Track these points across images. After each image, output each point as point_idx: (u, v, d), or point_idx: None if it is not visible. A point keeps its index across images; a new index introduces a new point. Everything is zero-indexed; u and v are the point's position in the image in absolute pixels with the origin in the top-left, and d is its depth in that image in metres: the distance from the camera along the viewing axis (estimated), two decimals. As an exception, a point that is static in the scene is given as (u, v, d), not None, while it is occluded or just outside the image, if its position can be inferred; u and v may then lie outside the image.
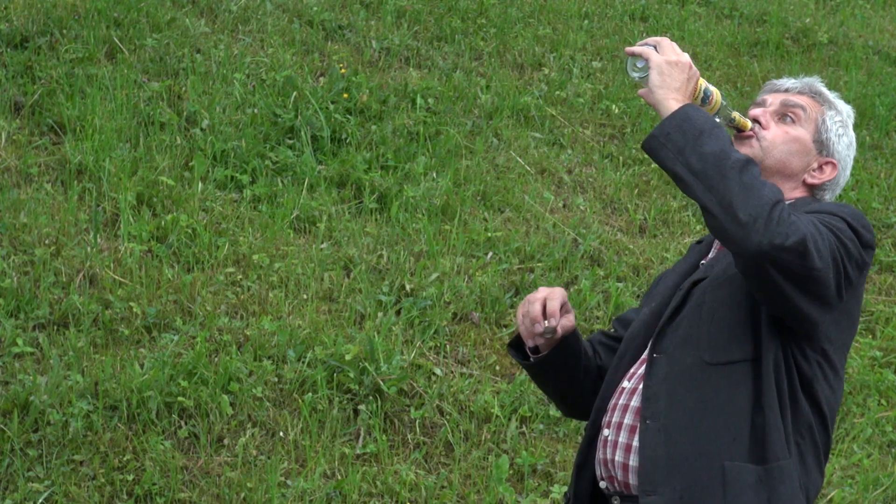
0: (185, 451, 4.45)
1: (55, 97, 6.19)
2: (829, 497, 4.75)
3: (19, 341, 4.68)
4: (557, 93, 7.63)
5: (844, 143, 2.77)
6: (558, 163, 6.86)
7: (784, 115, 2.76)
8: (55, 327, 4.83)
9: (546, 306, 2.76)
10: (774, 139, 2.73)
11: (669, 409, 2.51)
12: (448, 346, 5.22)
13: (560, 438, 4.89)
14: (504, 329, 5.40)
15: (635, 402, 2.59)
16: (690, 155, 2.45)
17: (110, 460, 4.30)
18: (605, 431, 2.63)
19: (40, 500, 4.13)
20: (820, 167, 2.75)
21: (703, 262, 2.74)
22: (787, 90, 2.81)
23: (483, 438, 4.78)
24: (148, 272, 5.15)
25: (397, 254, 5.65)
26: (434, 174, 6.37)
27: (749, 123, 2.76)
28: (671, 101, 2.52)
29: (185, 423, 4.51)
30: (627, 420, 2.59)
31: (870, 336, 5.86)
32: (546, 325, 2.73)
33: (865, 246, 2.58)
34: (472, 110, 7.17)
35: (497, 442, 4.78)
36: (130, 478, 4.26)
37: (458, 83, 7.35)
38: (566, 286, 5.77)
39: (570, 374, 2.83)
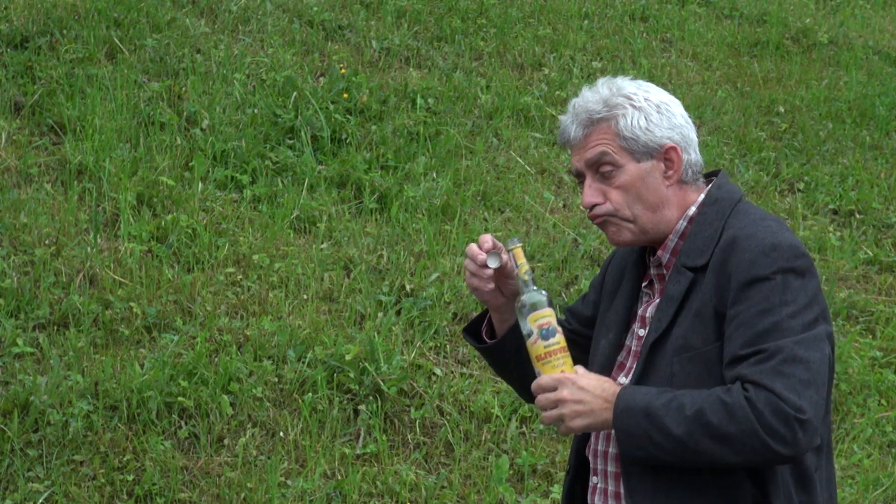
0: (185, 451, 4.45)
1: (55, 97, 6.19)
2: (829, 497, 4.75)
3: (19, 341, 4.68)
4: (557, 93, 7.63)
5: (660, 122, 2.54)
6: (558, 163, 6.86)
7: (601, 174, 2.55)
8: (55, 327, 4.83)
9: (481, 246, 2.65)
10: (620, 202, 2.54)
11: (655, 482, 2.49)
12: (448, 346, 5.22)
13: (560, 439, 4.89)
14: (504, 329, 5.40)
15: (613, 448, 2.55)
16: (664, 456, 2.37)
17: (110, 460, 4.30)
18: (594, 479, 2.61)
19: (40, 500, 4.13)
20: (665, 163, 2.54)
21: (643, 288, 2.62)
22: (575, 145, 2.58)
23: (483, 438, 4.77)
24: (148, 272, 5.15)
25: (397, 254, 5.65)
26: (434, 174, 6.37)
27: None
28: (609, 418, 2.42)
29: (186, 424, 4.51)
30: (611, 468, 2.56)
31: (870, 336, 5.86)
32: (488, 255, 2.61)
33: (806, 273, 2.41)
34: (472, 110, 7.17)
35: (497, 442, 4.78)
36: (130, 478, 4.26)
37: (458, 83, 7.36)
38: (566, 286, 5.77)
39: (527, 358, 2.73)
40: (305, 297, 5.29)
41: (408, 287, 5.43)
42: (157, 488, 4.25)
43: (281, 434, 4.58)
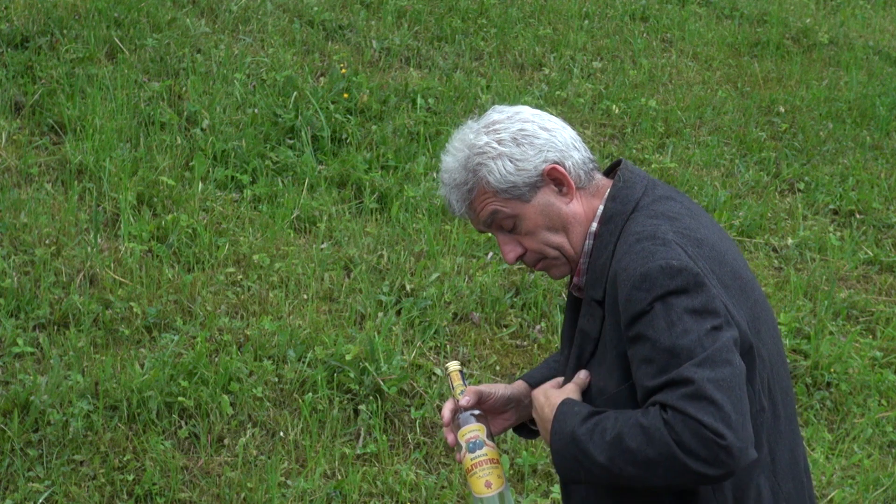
0: (185, 451, 4.45)
1: (55, 97, 6.20)
2: (829, 497, 4.75)
3: (19, 341, 4.68)
4: (558, 93, 7.63)
5: (525, 154, 2.47)
6: (559, 163, 6.85)
7: (505, 229, 2.51)
8: (55, 327, 4.83)
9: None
10: (537, 244, 2.51)
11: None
12: (448, 346, 5.22)
13: (560, 438, 4.88)
14: (504, 329, 5.40)
15: None
16: (593, 479, 2.37)
17: (110, 460, 4.30)
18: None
19: (40, 500, 4.13)
20: (556, 185, 2.49)
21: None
22: (466, 217, 2.54)
23: (483, 438, 4.77)
24: (148, 272, 5.15)
25: (398, 254, 5.65)
26: (434, 174, 6.37)
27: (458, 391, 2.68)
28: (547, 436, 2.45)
29: (186, 423, 4.51)
30: None
31: (870, 336, 5.86)
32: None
33: (687, 289, 2.30)
34: (472, 110, 7.17)
35: (497, 442, 4.78)
36: (131, 478, 4.26)
37: (458, 83, 7.36)
38: (566, 286, 5.76)
39: None
40: (305, 296, 5.29)
41: (408, 287, 5.43)
42: (157, 488, 4.25)
43: (281, 434, 4.58)
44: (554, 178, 2.48)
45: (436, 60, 7.70)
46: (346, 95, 6.79)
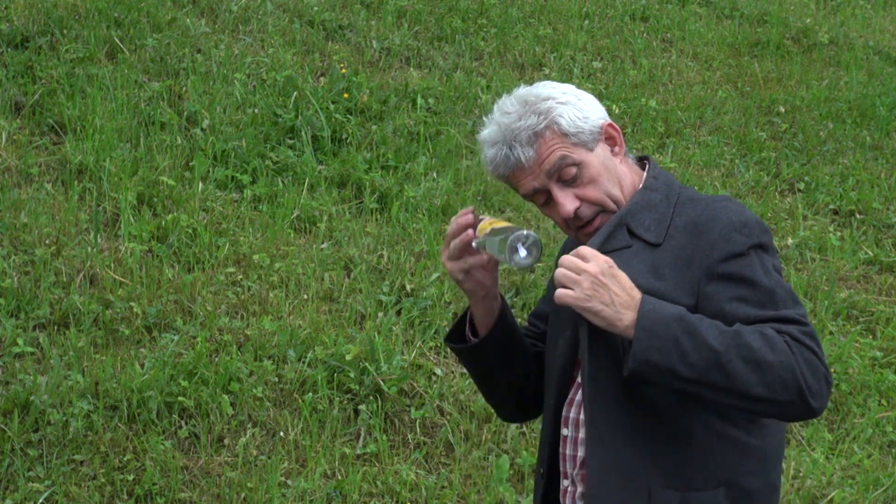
0: (185, 451, 4.45)
1: (56, 97, 6.20)
2: (829, 497, 4.75)
3: (20, 341, 4.68)
4: (558, 93, 7.62)
5: (587, 107, 2.51)
6: (559, 163, 6.85)
7: (564, 181, 2.48)
8: (55, 327, 4.83)
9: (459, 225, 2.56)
10: (599, 195, 2.49)
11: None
12: (448, 346, 5.21)
13: (560, 438, 4.89)
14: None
15: (581, 451, 2.51)
16: (682, 370, 2.25)
17: (111, 460, 4.30)
18: (565, 482, 2.58)
19: (40, 500, 4.13)
20: (609, 143, 2.52)
21: None
22: (528, 166, 2.48)
23: (483, 438, 4.77)
24: (148, 272, 5.15)
25: (398, 254, 5.65)
26: (434, 174, 6.37)
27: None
28: (626, 319, 2.29)
29: (186, 423, 4.51)
30: (579, 471, 2.52)
31: (870, 336, 5.86)
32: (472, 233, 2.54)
33: (772, 248, 2.41)
34: (472, 110, 7.17)
35: (497, 442, 4.78)
36: (131, 478, 4.26)
37: (458, 83, 7.36)
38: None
39: (514, 354, 2.69)
40: (306, 296, 5.29)
41: (408, 287, 5.43)
42: (157, 488, 4.25)
43: (281, 434, 4.58)
44: (609, 135, 2.52)
45: (436, 60, 7.70)
46: (346, 95, 6.79)
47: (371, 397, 4.77)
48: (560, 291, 2.33)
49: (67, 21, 6.84)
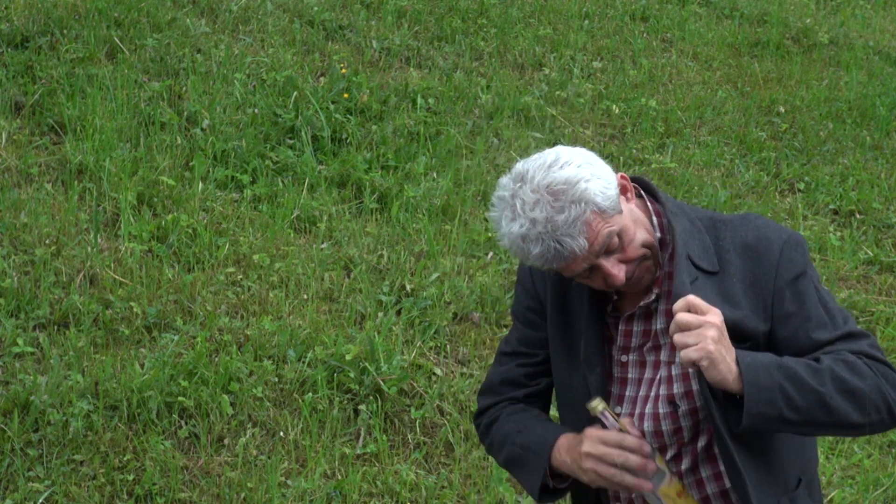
0: (185, 451, 4.45)
1: (56, 97, 6.20)
2: (829, 497, 4.75)
3: (20, 341, 4.68)
4: (558, 93, 7.63)
5: (603, 172, 2.47)
6: (559, 163, 6.85)
7: (610, 249, 2.46)
8: (55, 327, 4.83)
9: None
10: (637, 250, 2.48)
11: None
12: (448, 346, 5.22)
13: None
14: (504, 329, 5.40)
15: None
16: (790, 415, 2.33)
17: (110, 460, 4.30)
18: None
19: (40, 500, 4.13)
20: (623, 191, 2.51)
21: (610, 311, 2.56)
22: (584, 251, 2.42)
23: (483, 438, 4.77)
24: (148, 272, 5.15)
25: (398, 254, 5.65)
26: (434, 174, 6.37)
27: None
28: (732, 374, 2.32)
29: (186, 423, 4.51)
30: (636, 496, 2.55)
31: (870, 336, 5.85)
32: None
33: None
34: (472, 110, 7.17)
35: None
36: (131, 478, 4.26)
37: (458, 83, 7.35)
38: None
39: None
40: (305, 296, 5.29)
41: (408, 287, 5.43)
42: (157, 488, 4.25)
43: (281, 434, 4.58)
44: (622, 187, 2.51)
45: (436, 60, 7.70)
46: (346, 95, 6.79)
47: (371, 397, 4.77)
48: (686, 351, 2.30)
49: (67, 21, 6.84)
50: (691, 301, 2.33)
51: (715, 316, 2.32)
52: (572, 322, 2.59)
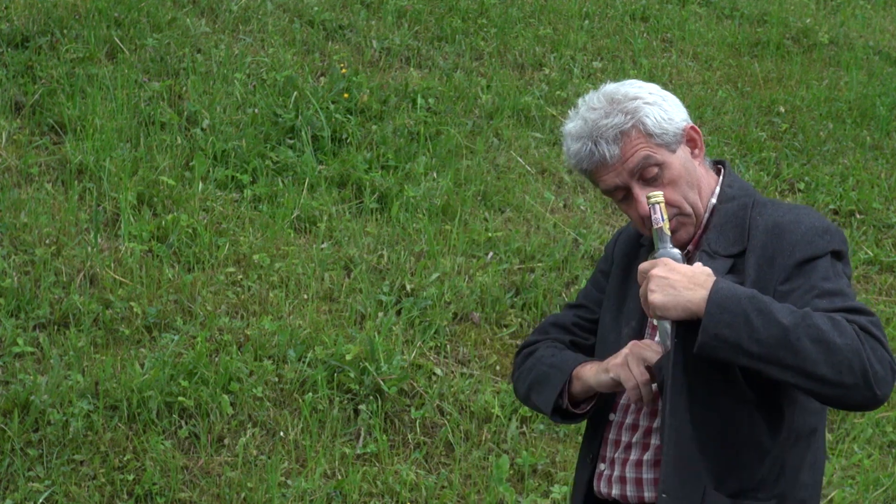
0: (185, 451, 4.45)
1: (56, 97, 6.20)
2: (829, 497, 4.75)
3: (20, 341, 4.68)
4: (558, 93, 7.63)
5: (672, 108, 2.58)
6: (559, 163, 6.86)
7: (646, 180, 2.53)
8: (55, 327, 4.83)
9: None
10: (678, 197, 2.55)
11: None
12: (448, 346, 5.22)
13: (560, 438, 4.89)
14: (504, 329, 5.40)
15: (625, 437, 2.57)
16: (750, 345, 2.29)
17: (111, 460, 4.30)
18: (602, 466, 2.61)
19: (41, 500, 4.13)
20: (690, 145, 2.61)
21: None
22: (612, 163, 2.52)
23: (483, 438, 4.77)
24: (148, 272, 5.15)
25: (398, 254, 5.65)
26: (434, 174, 6.37)
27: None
28: (696, 297, 2.34)
29: (186, 423, 4.51)
30: (620, 454, 2.57)
31: (870, 336, 5.85)
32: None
33: (846, 257, 2.50)
34: (472, 110, 7.17)
35: (497, 442, 4.78)
36: (131, 478, 4.26)
37: (458, 83, 7.35)
38: (566, 286, 5.77)
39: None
40: (306, 296, 5.29)
41: (408, 287, 5.43)
42: (157, 488, 4.25)
43: (281, 434, 4.58)
44: (691, 138, 2.61)
45: (436, 60, 7.69)
46: (346, 95, 6.79)
47: (371, 397, 4.77)
48: (640, 295, 2.41)
49: (67, 21, 6.84)
50: (641, 269, 2.42)
51: (651, 267, 2.38)
52: (631, 282, 2.65)
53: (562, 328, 2.79)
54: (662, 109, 2.55)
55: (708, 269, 2.40)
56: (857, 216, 6.97)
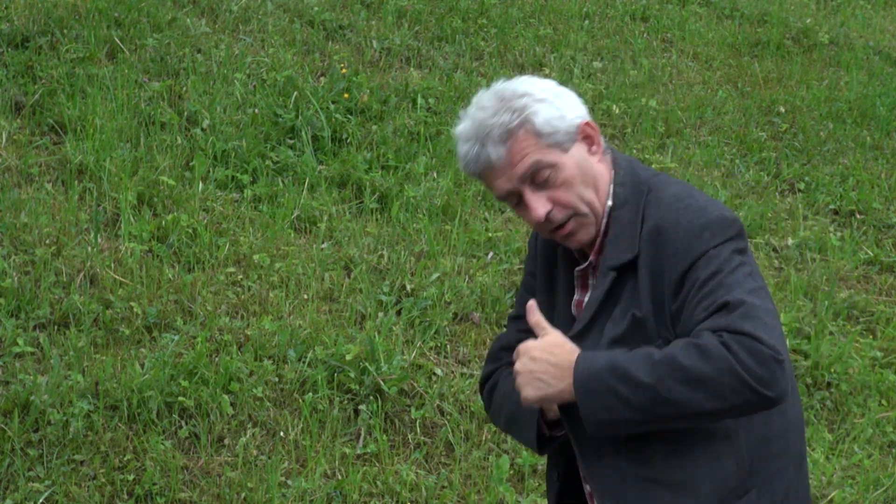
0: (185, 451, 4.45)
1: (56, 97, 6.20)
2: (829, 497, 4.75)
3: (20, 341, 4.68)
4: (558, 93, 7.62)
5: (564, 104, 2.45)
6: (559, 163, 6.85)
7: (538, 183, 2.43)
8: (56, 327, 4.83)
9: None
10: (571, 198, 2.44)
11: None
12: (449, 346, 5.22)
13: (560, 438, 4.88)
14: (504, 329, 5.39)
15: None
16: (632, 415, 2.25)
17: (111, 460, 4.30)
18: (588, 486, 2.58)
19: (41, 500, 4.13)
20: (586, 142, 2.47)
21: (576, 280, 2.55)
22: (499, 166, 2.41)
23: (483, 438, 4.77)
24: (148, 272, 5.15)
25: (398, 254, 5.65)
26: (435, 174, 6.37)
27: None
28: (566, 386, 2.31)
29: (186, 423, 4.51)
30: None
31: (870, 336, 5.85)
32: None
33: (736, 237, 2.36)
34: (472, 110, 7.16)
35: (497, 442, 4.78)
36: (131, 478, 4.26)
37: (458, 83, 7.35)
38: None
39: None
40: (306, 296, 5.29)
41: (408, 287, 5.43)
42: (157, 488, 4.25)
43: (281, 434, 4.58)
44: (587, 134, 2.47)
45: (436, 60, 7.70)
46: (346, 95, 6.79)
47: (371, 397, 4.77)
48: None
49: (67, 21, 6.84)
50: (519, 350, 2.39)
51: (518, 363, 2.36)
52: (555, 291, 2.59)
53: (510, 349, 2.63)
54: (554, 107, 2.42)
55: (569, 346, 2.35)
56: (857, 216, 6.97)
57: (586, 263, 2.52)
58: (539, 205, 2.43)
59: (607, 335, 2.41)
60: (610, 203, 2.47)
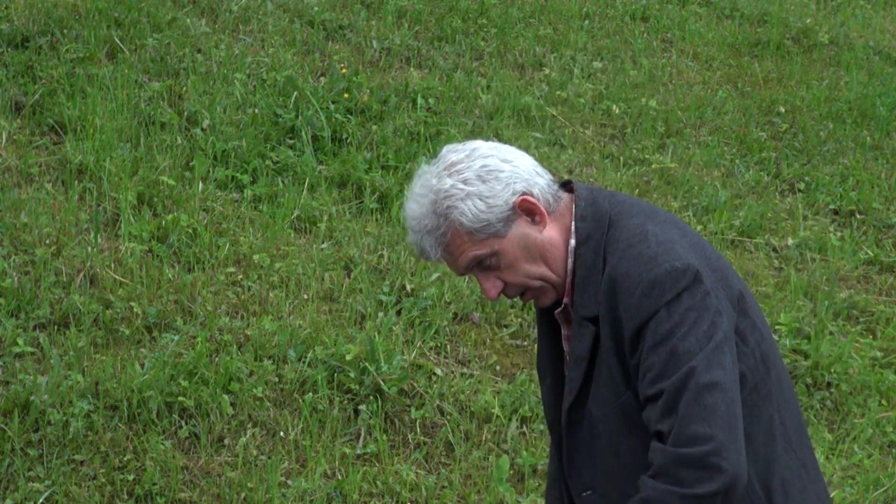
0: (185, 451, 4.45)
1: (56, 97, 6.20)
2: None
3: (20, 341, 4.68)
4: (558, 93, 7.62)
5: (493, 190, 2.41)
6: (559, 163, 6.86)
7: (486, 267, 2.45)
8: (56, 327, 4.83)
9: None
10: (519, 277, 2.45)
11: None
12: (449, 346, 5.22)
13: (560, 438, 4.88)
14: (504, 329, 5.40)
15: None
16: None
17: (111, 460, 4.30)
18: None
19: (41, 500, 4.12)
20: (528, 215, 2.44)
21: (564, 345, 2.57)
22: (444, 261, 2.48)
23: (484, 438, 4.77)
24: (148, 272, 5.15)
25: (398, 254, 5.65)
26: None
27: None
28: None
29: (186, 423, 4.51)
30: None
31: (870, 336, 5.85)
32: None
33: (689, 288, 2.32)
34: (472, 110, 7.17)
35: (498, 442, 4.78)
36: (131, 478, 4.26)
37: (458, 83, 7.35)
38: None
39: None
40: (306, 296, 5.29)
41: (408, 287, 5.43)
42: (157, 488, 4.25)
43: (281, 434, 4.58)
44: (525, 208, 2.43)
45: (436, 60, 7.70)
46: (346, 95, 6.79)
47: (371, 397, 4.77)
48: None
49: (67, 21, 6.84)
50: None
51: None
52: (542, 335, 2.64)
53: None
54: (480, 199, 2.39)
55: None
56: (857, 216, 6.97)
57: (561, 308, 2.54)
58: (490, 286, 2.47)
59: (599, 398, 2.44)
60: (573, 242, 2.46)
